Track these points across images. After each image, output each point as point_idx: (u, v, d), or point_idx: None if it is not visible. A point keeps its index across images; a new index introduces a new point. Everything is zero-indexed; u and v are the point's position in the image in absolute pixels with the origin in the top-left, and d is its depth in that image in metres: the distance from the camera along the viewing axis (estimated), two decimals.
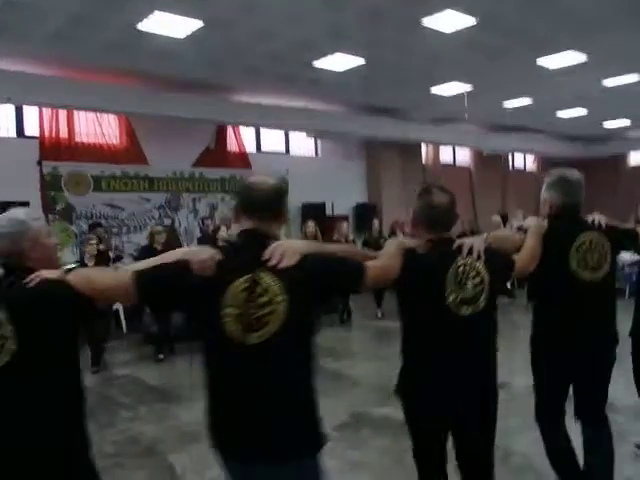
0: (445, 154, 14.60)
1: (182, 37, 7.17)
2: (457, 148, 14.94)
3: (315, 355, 1.75)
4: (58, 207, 8.65)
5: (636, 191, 7.97)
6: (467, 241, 2.12)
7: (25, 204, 8.11)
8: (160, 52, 7.71)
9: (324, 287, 1.77)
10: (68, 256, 8.16)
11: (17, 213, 1.84)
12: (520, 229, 2.55)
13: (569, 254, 2.53)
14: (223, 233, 6.78)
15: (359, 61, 8.50)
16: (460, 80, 9.79)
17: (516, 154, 16.41)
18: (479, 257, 2.08)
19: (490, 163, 15.20)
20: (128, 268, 1.79)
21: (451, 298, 2.03)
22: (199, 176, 10.09)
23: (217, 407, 1.74)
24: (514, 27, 7.37)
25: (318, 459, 1.69)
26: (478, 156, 14.94)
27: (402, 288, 2.08)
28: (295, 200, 11.12)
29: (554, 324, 2.59)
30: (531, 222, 2.58)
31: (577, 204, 2.63)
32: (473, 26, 7.12)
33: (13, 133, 8.78)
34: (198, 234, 7.06)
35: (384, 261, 1.94)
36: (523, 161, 17.17)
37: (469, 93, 10.33)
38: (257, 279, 1.65)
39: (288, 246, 1.70)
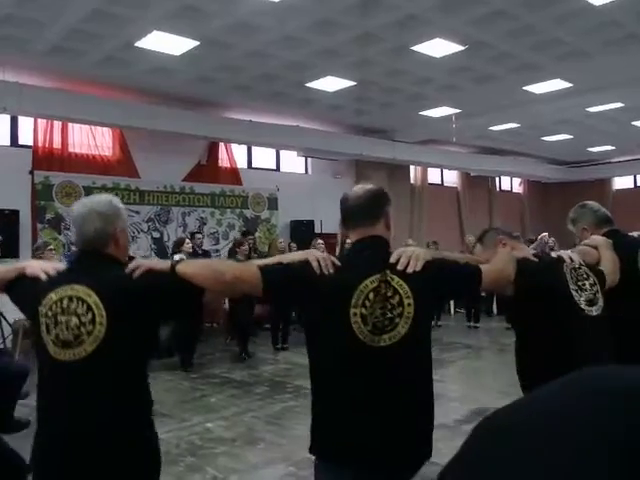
0: (433, 174, 14.82)
1: (177, 54, 7.32)
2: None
3: (431, 355, 1.83)
4: (47, 216, 8.63)
5: (622, 214, 8.20)
6: (562, 251, 2.41)
7: (15, 212, 8.14)
8: (155, 68, 7.86)
9: (445, 291, 1.95)
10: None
11: (113, 198, 1.85)
12: (587, 245, 2.67)
13: (638, 262, 2.67)
14: (187, 246, 6.92)
15: (350, 83, 8.70)
16: (448, 105, 10.02)
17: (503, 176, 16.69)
18: (580, 264, 2.29)
19: (477, 183, 15.45)
20: (251, 262, 1.83)
21: (575, 298, 2.20)
22: (189, 190, 10.11)
23: (335, 411, 1.71)
24: (501, 55, 7.62)
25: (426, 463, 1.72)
26: (465, 177, 15.19)
27: (524, 291, 2.16)
28: (285, 217, 11.26)
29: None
30: (597, 239, 2.69)
31: (608, 218, 2.82)
32: (461, 52, 7.35)
33: (7, 142, 8.82)
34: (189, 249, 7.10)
35: (499, 266, 2.07)
36: (510, 182, 17.46)
37: (457, 116, 10.57)
38: (388, 280, 1.70)
39: (413, 252, 1.76)
